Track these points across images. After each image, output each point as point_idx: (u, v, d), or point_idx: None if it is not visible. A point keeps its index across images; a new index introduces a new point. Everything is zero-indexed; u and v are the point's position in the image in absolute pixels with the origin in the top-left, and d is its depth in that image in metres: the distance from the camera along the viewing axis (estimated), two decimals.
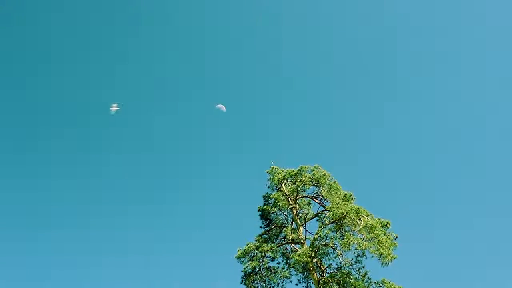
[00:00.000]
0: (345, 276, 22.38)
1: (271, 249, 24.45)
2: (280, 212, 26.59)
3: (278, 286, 24.55)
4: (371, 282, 22.14)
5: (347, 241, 21.68)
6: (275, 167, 28.04)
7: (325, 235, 22.93)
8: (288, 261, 25.15)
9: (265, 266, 24.53)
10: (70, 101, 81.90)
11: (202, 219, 70.29)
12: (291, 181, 26.99)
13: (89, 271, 63.95)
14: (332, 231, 23.07)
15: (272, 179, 27.39)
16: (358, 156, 74.58)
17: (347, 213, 22.56)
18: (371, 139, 75.06)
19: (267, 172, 28.17)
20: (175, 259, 65.64)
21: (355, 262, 22.93)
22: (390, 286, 21.64)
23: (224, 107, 43.63)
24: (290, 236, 24.71)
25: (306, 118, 78.64)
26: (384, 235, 21.93)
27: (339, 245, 22.52)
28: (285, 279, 24.54)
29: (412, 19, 75.52)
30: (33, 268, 65.10)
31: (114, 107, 43.00)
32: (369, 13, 76.70)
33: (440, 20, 74.32)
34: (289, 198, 26.30)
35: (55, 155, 79.15)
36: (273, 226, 26.62)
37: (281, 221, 26.63)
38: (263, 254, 24.43)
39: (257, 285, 24.36)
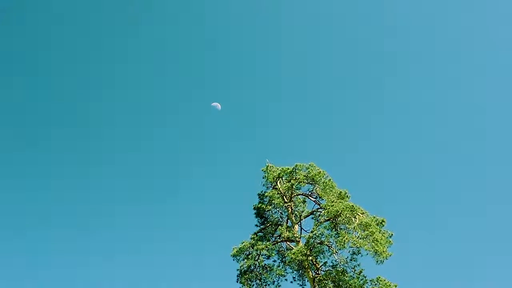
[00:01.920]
0: (340, 274, 22.36)
1: (267, 247, 24.39)
2: (275, 210, 26.53)
3: (273, 284, 24.50)
4: (366, 279, 22.10)
5: (342, 239, 21.64)
6: (270, 165, 27.96)
7: (320, 233, 22.90)
8: (284, 259, 25.12)
9: (260, 264, 24.49)
10: (70, 101, 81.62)
11: (204, 219, 70.24)
12: (286, 179, 26.90)
13: (89, 271, 63.86)
14: (327, 229, 23.06)
15: (267, 177, 27.29)
16: (353, 154, 74.65)
17: (342, 211, 22.53)
18: (366, 137, 75.17)
19: (262, 170, 28.07)
20: (175, 259, 65.62)
21: (350, 260, 22.90)
22: (386, 284, 21.62)
23: (219, 106, 43.47)
24: (285, 234, 24.67)
25: (302, 116, 78.65)
26: (379, 232, 21.94)
27: (334, 243, 22.47)
28: (281, 277, 24.48)
29: (412, 19, 75.54)
30: (33, 268, 64.98)
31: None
32: (368, 12, 76.65)
33: (440, 20, 74.40)
34: (284, 196, 26.25)
35: (55, 155, 78.93)
36: (268, 224, 26.56)
37: (276, 219, 26.57)
38: (258, 252, 24.39)
39: (252, 283, 24.31)
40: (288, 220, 26.07)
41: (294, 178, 26.38)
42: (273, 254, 24.96)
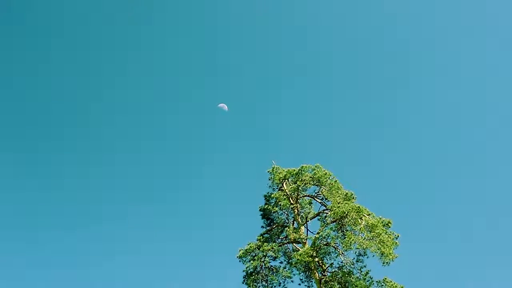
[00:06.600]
0: (346, 275, 22.37)
1: (273, 248, 24.41)
2: (282, 212, 26.56)
3: (279, 285, 24.52)
4: (372, 281, 22.11)
5: (349, 240, 21.66)
6: (276, 166, 28.00)
7: (326, 234, 22.92)
8: (290, 261, 25.10)
9: (266, 266, 24.51)
10: (70, 101, 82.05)
11: (204, 219, 70.36)
12: (292, 181, 26.93)
13: (89, 271, 64.08)
14: (334, 231, 23.07)
15: (273, 178, 27.34)
16: (358, 155, 74.55)
17: (348, 212, 22.54)
18: (371, 138, 75.03)
19: (268, 171, 28.12)
20: (175, 259, 65.71)
21: (357, 261, 22.93)
22: (392, 285, 21.63)
23: (226, 106, 43.74)
24: (292, 236, 24.70)
25: (306, 117, 78.65)
26: (385, 234, 21.92)
27: (341, 244, 22.50)
28: (287, 279, 24.49)
29: (412, 18, 75.39)
30: (33, 268, 65.27)
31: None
32: (368, 12, 76.59)
33: (440, 19, 74.18)
34: (290, 198, 26.27)
35: (55, 155, 79.31)
36: (274, 226, 26.60)
37: (282, 221, 26.61)
38: (264, 253, 24.39)
39: (258, 284, 24.32)
40: (294, 222, 26.10)
41: (300, 179, 26.40)
42: (279, 256, 24.98)
